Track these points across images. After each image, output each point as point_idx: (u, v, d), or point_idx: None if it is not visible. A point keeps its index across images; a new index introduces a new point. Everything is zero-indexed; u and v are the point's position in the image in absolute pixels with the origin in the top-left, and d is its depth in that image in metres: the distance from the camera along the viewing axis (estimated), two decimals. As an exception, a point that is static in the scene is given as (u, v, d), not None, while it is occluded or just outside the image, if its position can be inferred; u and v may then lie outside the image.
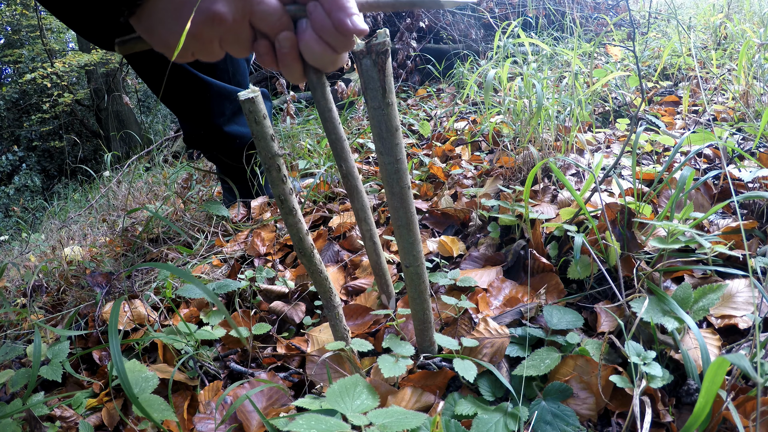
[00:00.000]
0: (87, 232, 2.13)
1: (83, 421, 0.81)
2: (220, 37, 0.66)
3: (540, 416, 0.68)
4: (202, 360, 0.92)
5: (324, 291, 0.78)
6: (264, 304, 1.08)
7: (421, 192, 1.47)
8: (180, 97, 1.37)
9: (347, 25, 0.65)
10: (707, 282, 0.83)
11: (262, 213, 1.54)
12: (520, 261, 1.02)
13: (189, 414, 0.85)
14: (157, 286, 1.19)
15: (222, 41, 0.67)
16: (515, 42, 1.74)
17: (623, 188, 0.94)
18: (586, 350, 0.73)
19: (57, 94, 8.54)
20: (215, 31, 0.65)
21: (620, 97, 1.82)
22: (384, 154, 0.63)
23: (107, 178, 3.04)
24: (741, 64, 1.51)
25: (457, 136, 1.86)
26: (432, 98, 2.80)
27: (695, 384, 0.68)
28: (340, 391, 0.67)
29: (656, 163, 1.31)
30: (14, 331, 1.17)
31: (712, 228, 0.97)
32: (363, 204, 0.85)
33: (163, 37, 0.67)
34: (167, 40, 0.67)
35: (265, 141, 0.64)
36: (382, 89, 0.59)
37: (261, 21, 0.66)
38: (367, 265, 1.14)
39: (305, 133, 2.13)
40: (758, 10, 2.49)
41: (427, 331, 0.79)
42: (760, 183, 1.06)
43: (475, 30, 3.35)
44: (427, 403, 0.74)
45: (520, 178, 1.32)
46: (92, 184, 3.51)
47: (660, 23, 2.99)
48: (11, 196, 8.82)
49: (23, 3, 9.03)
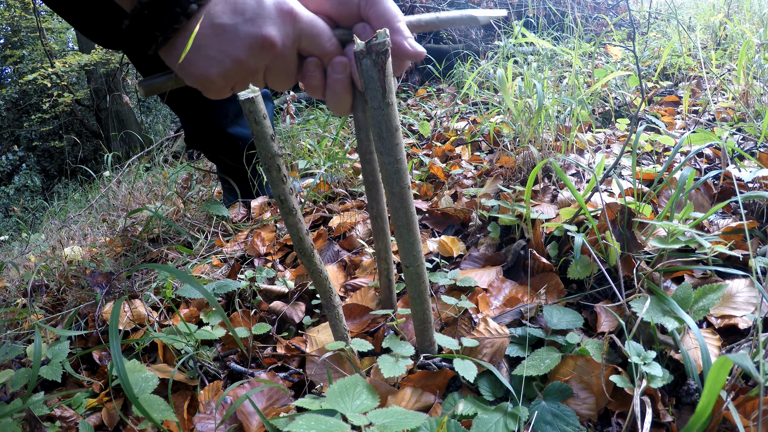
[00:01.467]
0: (87, 232, 2.13)
1: (83, 421, 0.81)
2: (267, 65, 0.60)
3: (540, 416, 0.68)
4: (202, 360, 0.92)
5: (324, 291, 0.78)
6: (264, 304, 1.08)
7: (421, 192, 1.47)
8: (183, 98, 1.37)
9: (405, 48, 0.61)
10: (707, 282, 0.83)
11: (262, 213, 1.54)
12: (520, 261, 1.02)
13: (189, 414, 0.85)
14: (157, 286, 1.19)
15: (268, 70, 0.61)
16: (516, 42, 1.73)
17: (623, 188, 0.94)
18: (586, 350, 0.73)
19: (57, 94, 8.53)
20: (263, 58, 0.59)
21: (620, 97, 1.82)
22: (384, 154, 0.63)
23: (107, 178, 3.04)
24: (741, 64, 1.51)
25: (457, 136, 1.86)
26: (432, 98, 2.80)
27: (695, 384, 0.68)
28: (340, 391, 0.67)
29: (656, 163, 1.31)
30: (14, 331, 1.17)
31: (712, 228, 0.96)
32: (387, 245, 0.85)
33: (201, 68, 0.58)
34: (207, 72, 0.58)
35: (265, 141, 0.64)
36: (382, 89, 0.59)
37: (312, 45, 0.61)
38: (367, 265, 1.14)
39: (305, 133, 2.13)
40: (758, 10, 2.49)
41: (427, 331, 0.79)
42: (760, 183, 1.06)
43: (475, 30, 3.35)
44: (427, 403, 0.74)
45: (520, 178, 1.32)
46: (92, 184, 3.50)
47: (660, 23, 2.99)
48: (11, 196, 8.81)
49: (23, 5, 9.03)
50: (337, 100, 0.65)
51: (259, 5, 0.57)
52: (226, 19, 0.56)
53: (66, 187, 5.33)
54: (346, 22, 0.64)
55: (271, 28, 0.57)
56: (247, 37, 0.57)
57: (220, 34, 0.57)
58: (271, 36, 0.57)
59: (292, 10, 0.59)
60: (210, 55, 0.57)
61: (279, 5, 0.58)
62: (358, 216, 1.35)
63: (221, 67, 0.58)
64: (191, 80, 0.60)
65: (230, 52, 0.57)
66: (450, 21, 0.68)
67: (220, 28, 0.57)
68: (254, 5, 0.57)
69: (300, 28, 0.60)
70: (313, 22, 0.60)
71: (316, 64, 0.63)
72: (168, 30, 0.56)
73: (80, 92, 9.32)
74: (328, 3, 0.63)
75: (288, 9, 0.58)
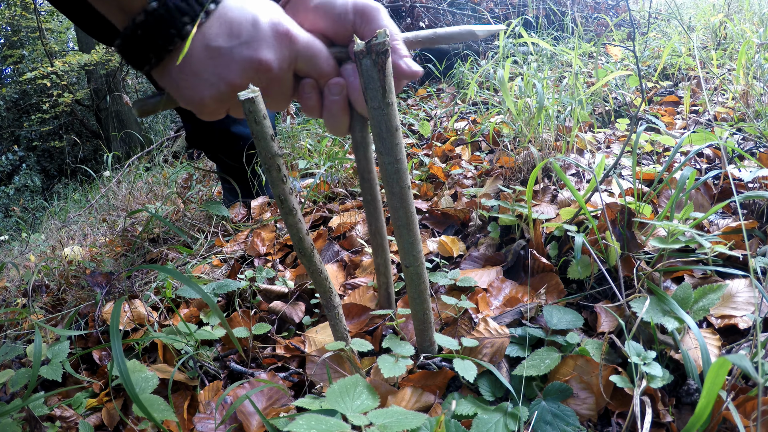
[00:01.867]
0: (87, 232, 2.13)
1: (83, 421, 0.81)
2: (264, 87, 0.59)
3: (540, 416, 0.68)
4: (202, 360, 0.92)
5: (324, 291, 0.78)
6: (264, 304, 1.08)
7: (421, 192, 1.47)
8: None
9: (402, 68, 0.61)
10: (707, 282, 0.83)
11: (262, 213, 1.54)
12: (520, 261, 1.02)
13: (189, 414, 0.85)
14: (157, 286, 1.19)
15: (264, 92, 0.60)
16: (516, 42, 1.73)
17: (623, 188, 0.94)
18: (586, 350, 0.73)
19: (57, 94, 8.53)
20: (259, 82, 0.58)
21: (620, 97, 1.82)
22: (384, 154, 0.63)
23: (107, 178, 3.04)
24: (741, 64, 1.51)
25: (457, 136, 1.86)
26: (432, 98, 2.80)
27: (695, 384, 0.68)
28: (340, 391, 0.67)
29: (656, 163, 1.31)
30: (14, 331, 1.17)
31: (712, 228, 0.96)
32: (386, 260, 0.85)
33: (195, 91, 0.57)
34: (201, 95, 0.57)
35: (265, 141, 0.64)
36: (382, 89, 0.59)
37: (309, 66, 0.60)
38: (366, 265, 1.14)
39: (305, 133, 2.13)
40: (758, 10, 2.49)
41: (427, 331, 0.79)
42: (760, 183, 1.06)
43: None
44: (427, 403, 0.74)
45: (520, 178, 1.32)
46: (92, 184, 3.50)
47: (660, 23, 2.99)
48: (11, 196, 8.82)
49: (23, 5, 9.03)
50: (334, 121, 0.64)
51: (254, 27, 0.56)
52: (221, 41, 0.55)
53: (66, 187, 5.33)
54: (341, 40, 0.63)
55: (267, 51, 0.56)
56: (242, 60, 0.56)
57: (215, 57, 0.55)
58: (267, 60, 0.56)
59: (289, 32, 0.57)
60: (204, 78, 0.56)
61: (275, 27, 0.57)
62: (358, 216, 1.35)
63: (215, 90, 0.57)
64: (185, 102, 0.58)
65: (225, 76, 0.56)
66: (448, 36, 0.68)
67: (215, 51, 0.55)
68: (250, 28, 0.56)
69: (296, 49, 0.58)
70: (310, 44, 0.59)
71: (312, 86, 0.62)
72: (162, 52, 0.54)
73: (80, 92, 9.32)
74: (324, 21, 0.62)
75: (284, 31, 0.57)
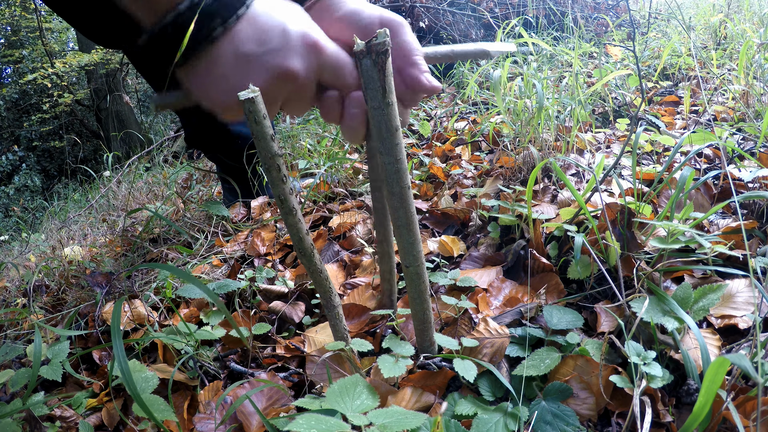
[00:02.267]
0: (87, 232, 2.13)
1: (83, 421, 0.81)
2: (287, 95, 0.59)
3: (540, 416, 0.68)
4: (202, 360, 0.92)
5: (324, 291, 0.78)
6: (264, 304, 1.08)
7: (421, 192, 1.47)
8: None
9: (422, 83, 0.61)
10: (707, 282, 0.83)
11: (262, 213, 1.54)
12: (520, 261, 1.02)
13: (189, 414, 0.85)
14: (157, 286, 1.19)
15: (287, 99, 0.60)
16: (516, 42, 1.73)
17: (623, 188, 0.94)
18: (586, 350, 0.73)
19: (57, 95, 8.53)
20: (284, 89, 0.58)
21: (620, 97, 1.82)
22: (384, 154, 0.63)
23: (107, 178, 3.04)
24: (741, 64, 1.51)
25: (457, 136, 1.86)
26: (432, 98, 2.80)
27: (695, 384, 0.68)
28: (340, 391, 0.67)
29: (656, 163, 1.31)
30: (14, 331, 1.17)
31: (712, 228, 0.97)
32: (391, 268, 0.86)
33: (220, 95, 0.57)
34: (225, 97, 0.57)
35: (265, 141, 0.64)
36: (382, 89, 0.59)
37: (334, 77, 0.60)
38: (366, 265, 1.14)
39: (305, 133, 2.13)
40: (758, 10, 2.49)
41: (427, 331, 0.79)
42: (760, 183, 1.06)
43: (475, 30, 3.35)
44: (427, 403, 0.74)
45: (520, 178, 1.32)
46: (92, 184, 3.50)
47: (660, 23, 2.99)
48: (11, 196, 8.82)
49: (23, 5, 9.03)
50: (351, 132, 0.65)
51: (284, 36, 0.56)
52: (251, 47, 0.55)
53: (66, 187, 5.34)
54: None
55: (295, 60, 0.56)
56: (270, 68, 0.56)
57: (244, 62, 0.55)
58: (294, 69, 0.56)
59: (317, 43, 0.58)
60: (231, 82, 0.56)
61: (304, 37, 0.57)
62: (358, 216, 1.35)
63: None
64: (208, 104, 0.58)
65: (252, 82, 0.56)
66: (463, 54, 0.71)
67: (243, 56, 0.55)
68: (279, 35, 0.56)
69: (323, 60, 0.59)
70: (337, 55, 0.60)
71: (336, 99, 0.62)
72: (189, 53, 0.54)
73: (80, 92, 9.32)
74: (349, 31, 0.62)
75: (313, 41, 0.57)
